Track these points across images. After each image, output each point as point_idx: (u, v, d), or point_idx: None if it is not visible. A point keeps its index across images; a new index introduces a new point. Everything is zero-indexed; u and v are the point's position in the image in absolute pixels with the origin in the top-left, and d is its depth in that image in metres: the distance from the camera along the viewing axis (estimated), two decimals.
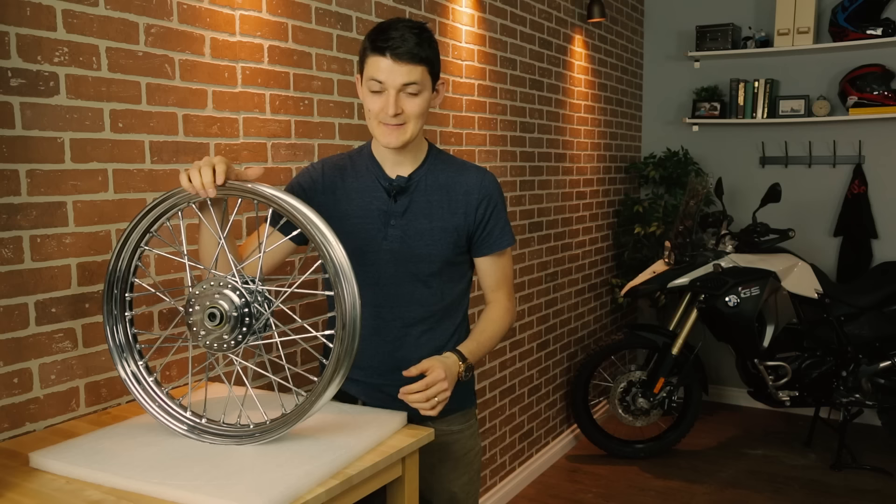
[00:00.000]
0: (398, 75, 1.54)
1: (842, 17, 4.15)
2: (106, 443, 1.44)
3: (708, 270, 3.62)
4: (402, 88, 1.55)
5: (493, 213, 1.70)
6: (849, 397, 3.71)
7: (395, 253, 1.66)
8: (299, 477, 1.27)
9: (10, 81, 1.49)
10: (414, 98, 1.57)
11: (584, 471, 3.77)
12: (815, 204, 4.47)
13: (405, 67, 1.53)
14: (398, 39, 1.53)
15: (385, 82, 1.55)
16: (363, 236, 1.66)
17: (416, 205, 1.66)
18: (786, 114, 4.39)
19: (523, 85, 3.44)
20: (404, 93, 1.56)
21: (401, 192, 1.66)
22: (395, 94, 1.55)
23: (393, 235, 1.66)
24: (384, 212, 1.66)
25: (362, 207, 1.67)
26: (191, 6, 1.85)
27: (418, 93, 1.57)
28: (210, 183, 1.36)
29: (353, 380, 1.75)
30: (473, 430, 1.82)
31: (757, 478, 3.66)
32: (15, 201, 1.51)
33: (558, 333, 3.89)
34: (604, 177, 4.37)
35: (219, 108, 1.94)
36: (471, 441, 1.81)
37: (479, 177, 1.71)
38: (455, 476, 1.79)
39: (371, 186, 1.68)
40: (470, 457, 1.81)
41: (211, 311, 1.39)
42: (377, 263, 1.67)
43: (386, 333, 1.71)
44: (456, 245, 1.69)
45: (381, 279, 1.68)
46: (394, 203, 1.66)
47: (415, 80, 1.55)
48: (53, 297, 1.59)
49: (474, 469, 1.84)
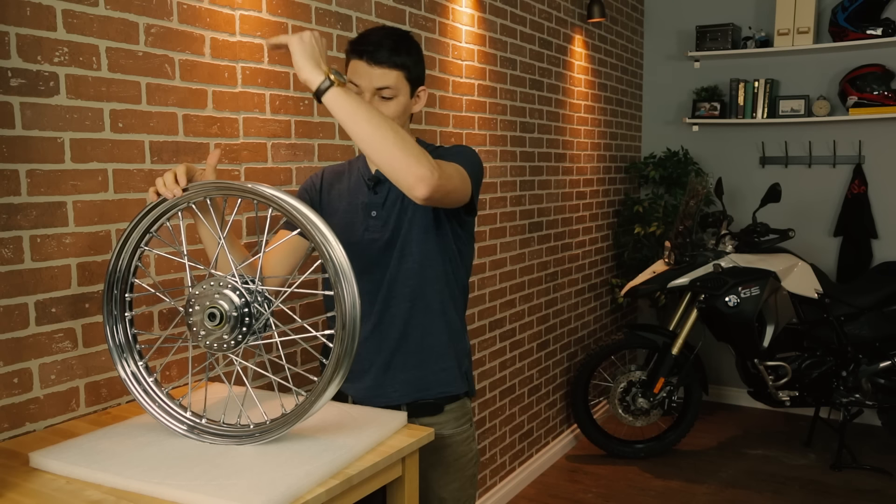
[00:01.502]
0: (372, 78, 1.59)
1: (842, 17, 4.15)
2: (106, 443, 1.44)
3: (708, 270, 3.62)
4: (377, 92, 1.60)
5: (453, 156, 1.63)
6: (849, 397, 3.71)
7: (374, 241, 1.69)
8: (299, 477, 1.27)
9: (10, 81, 1.49)
10: (388, 102, 1.61)
11: (584, 471, 3.77)
12: (815, 204, 4.47)
13: (379, 71, 1.58)
14: (374, 44, 1.59)
15: (360, 85, 1.60)
16: (349, 230, 1.71)
17: (395, 192, 1.68)
18: (786, 114, 4.39)
19: (523, 85, 3.44)
20: (379, 96, 1.60)
21: (378, 183, 1.70)
22: (370, 98, 1.60)
23: (374, 225, 1.70)
24: (365, 204, 1.71)
25: (350, 203, 1.73)
26: (191, 6, 1.85)
27: (392, 97, 1.61)
28: (172, 183, 1.43)
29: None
30: (467, 435, 1.80)
31: (757, 478, 3.66)
32: (15, 201, 1.51)
33: (558, 333, 3.90)
34: (604, 177, 4.37)
35: (219, 108, 1.94)
36: (464, 447, 1.79)
37: (447, 147, 1.73)
38: (445, 482, 1.77)
39: (358, 183, 1.74)
40: (462, 462, 1.79)
41: (211, 311, 1.39)
42: (360, 254, 1.69)
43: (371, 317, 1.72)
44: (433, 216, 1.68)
45: (363, 268, 1.69)
46: (373, 195, 1.70)
47: (388, 84, 1.60)
48: (53, 297, 1.59)
49: (467, 475, 1.80)
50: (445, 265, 1.74)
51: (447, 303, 1.76)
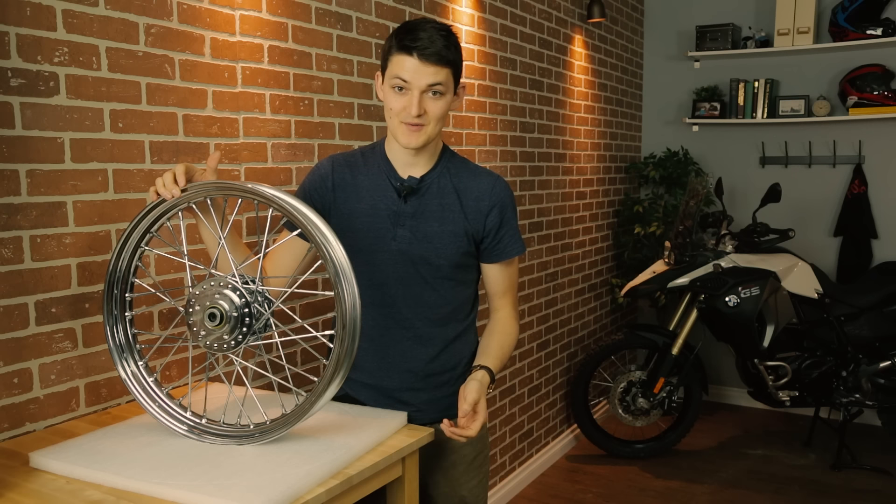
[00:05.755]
0: (424, 76, 1.54)
1: (842, 17, 4.15)
2: (106, 443, 1.44)
3: (708, 270, 3.62)
4: (427, 89, 1.55)
5: (503, 221, 1.69)
6: (849, 397, 3.71)
7: (403, 254, 1.65)
8: (299, 477, 1.27)
9: (10, 81, 1.49)
10: (437, 100, 1.57)
11: (584, 471, 3.77)
12: (815, 204, 4.47)
13: (432, 69, 1.54)
14: (426, 40, 1.53)
15: (410, 82, 1.54)
16: (372, 235, 1.66)
17: (428, 207, 1.66)
18: (786, 114, 4.39)
19: (523, 85, 3.44)
20: (428, 94, 1.56)
21: (411, 193, 1.65)
22: (420, 95, 1.55)
23: (402, 236, 1.65)
24: (394, 212, 1.65)
25: (372, 206, 1.66)
26: (191, 6, 1.85)
27: (442, 95, 1.57)
28: (171, 183, 1.43)
29: (359, 382, 1.75)
30: (483, 432, 1.78)
31: (757, 478, 3.66)
32: (15, 201, 1.51)
33: (558, 333, 3.89)
34: (604, 177, 4.37)
35: (219, 108, 1.94)
36: (481, 443, 1.80)
37: (490, 182, 1.69)
38: (466, 479, 1.77)
39: (381, 185, 1.67)
40: (480, 459, 1.80)
41: (211, 312, 1.39)
42: (385, 263, 1.66)
43: (392, 335, 1.71)
44: (465, 249, 1.68)
45: (388, 279, 1.67)
46: (404, 204, 1.65)
47: (440, 81, 1.55)
48: (53, 297, 1.59)
49: (483, 472, 1.82)
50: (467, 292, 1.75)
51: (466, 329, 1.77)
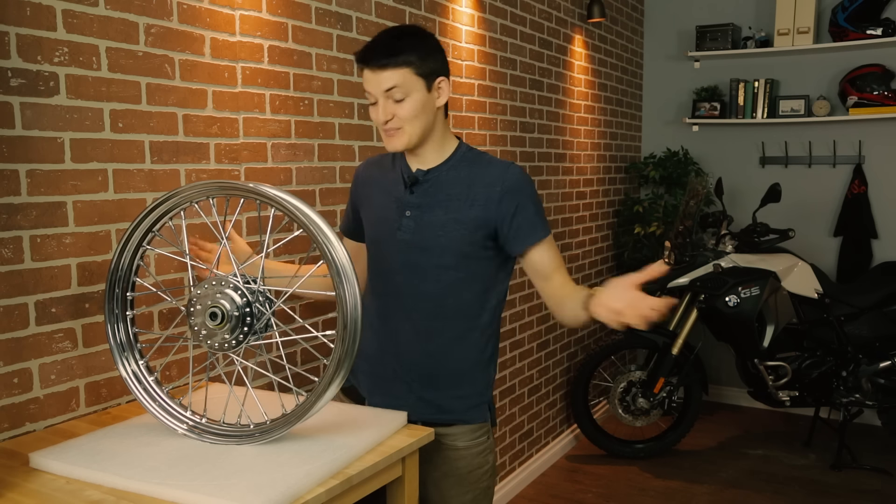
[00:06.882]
0: (377, 83, 1.58)
1: (842, 17, 4.15)
2: (106, 443, 1.44)
3: (708, 270, 3.62)
4: (387, 95, 1.58)
5: (518, 207, 1.65)
6: (849, 397, 3.71)
7: (407, 243, 1.67)
8: (299, 477, 1.27)
9: (10, 81, 1.48)
10: (401, 102, 1.59)
11: (584, 471, 3.77)
12: (815, 204, 4.47)
13: (385, 73, 1.57)
14: (371, 50, 1.58)
15: (371, 92, 1.61)
16: (381, 226, 1.71)
17: (435, 198, 1.67)
18: (786, 114, 4.39)
19: (523, 85, 3.43)
20: (391, 99, 1.59)
21: (416, 183, 1.68)
22: (383, 102, 1.59)
23: (407, 226, 1.67)
24: (400, 202, 1.69)
25: (386, 198, 1.72)
26: (191, 6, 1.85)
27: (403, 97, 1.59)
28: None
29: (359, 369, 1.77)
30: (483, 447, 1.76)
31: (757, 478, 3.66)
32: (15, 201, 1.51)
33: (558, 333, 3.89)
34: (604, 177, 4.37)
35: (219, 108, 1.94)
36: (478, 459, 1.75)
37: (502, 169, 1.68)
38: (457, 493, 1.73)
39: (396, 179, 1.73)
40: (477, 475, 1.75)
41: (212, 311, 1.39)
42: (391, 253, 1.69)
43: (393, 325, 1.72)
44: (470, 237, 1.65)
45: (394, 268, 1.70)
46: (410, 194, 1.68)
47: (394, 85, 1.57)
48: (53, 297, 1.59)
49: (481, 488, 1.76)
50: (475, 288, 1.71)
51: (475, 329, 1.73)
